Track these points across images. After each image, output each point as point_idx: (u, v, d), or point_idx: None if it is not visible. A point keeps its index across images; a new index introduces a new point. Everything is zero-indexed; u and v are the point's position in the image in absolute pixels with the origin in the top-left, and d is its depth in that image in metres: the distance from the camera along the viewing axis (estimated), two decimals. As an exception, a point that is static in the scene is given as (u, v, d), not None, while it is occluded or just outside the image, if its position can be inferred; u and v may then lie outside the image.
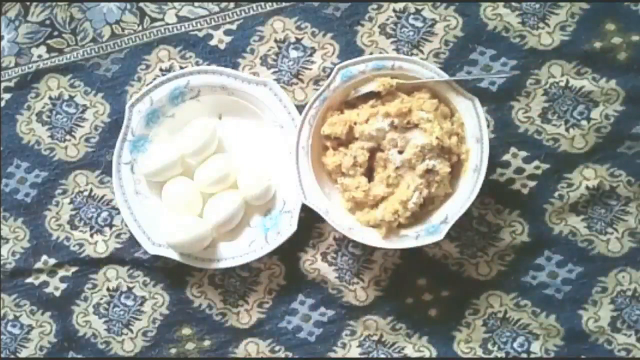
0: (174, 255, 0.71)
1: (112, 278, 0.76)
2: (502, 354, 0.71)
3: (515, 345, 0.71)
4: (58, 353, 0.78)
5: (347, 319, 0.73)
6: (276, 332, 0.74)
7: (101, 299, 0.77)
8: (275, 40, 0.72)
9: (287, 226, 0.70)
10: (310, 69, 0.72)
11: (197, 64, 0.73)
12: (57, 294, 0.77)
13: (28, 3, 0.76)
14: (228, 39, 0.73)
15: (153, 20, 0.74)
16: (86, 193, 0.76)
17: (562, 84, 0.68)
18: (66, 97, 0.76)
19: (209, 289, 0.75)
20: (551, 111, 0.69)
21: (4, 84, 0.77)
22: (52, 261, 0.77)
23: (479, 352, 0.71)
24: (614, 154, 0.68)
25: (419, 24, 0.70)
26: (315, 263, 0.73)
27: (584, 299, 0.70)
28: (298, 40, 0.72)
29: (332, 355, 0.73)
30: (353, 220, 0.67)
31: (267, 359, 0.75)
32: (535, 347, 0.71)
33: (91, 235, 0.76)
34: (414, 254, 0.70)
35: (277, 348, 0.74)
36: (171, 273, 0.75)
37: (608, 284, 0.69)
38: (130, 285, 0.76)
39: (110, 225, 0.76)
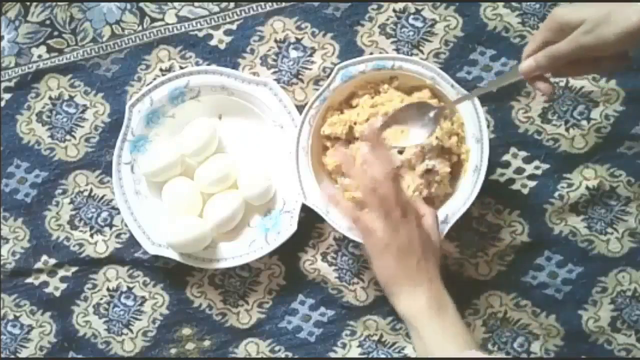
0: (174, 255, 0.71)
1: (112, 278, 0.76)
2: (502, 354, 0.71)
3: (515, 345, 0.71)
4: (58, 353, 0.78)
5: (347, 319, 0.73)
6: (276, 332, 0.74)
7: (101, 299, 0.77)
8: (275, 40, 0.72)
9: (287, 226, 0.70)
10: (310, 69, 0.72)
11: (197, 64, 0.73)
12: (57, 294, 0.77)
13: (28, 3, 0.76)
14: (228, 39, 0.73)
15: (153, 20, 0.74)
16: (86, 193, 0.76)
17: (562, 84, 0.68)
18: (66, 97, 0.76)
19: (209, 289, 0.75)
20: (551, 111, 0.69)
21: (4, 84, 0.77)
22: (52, 261, 0.77)
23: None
24: (614, 154, 0.68)
25: (419, 24, 0.70)
26: (315, 263, 0.73)
27: (584, 299, 0.70)
28: (298, 40, 0.72)
29: (332, 355, 0.73)
30: (353, 220, 0.67)
31: (267, 359, 0.75)
32: (535, 347, 0.71)
33: (91, 235, 0.76)
34: (414, 254, 0.70)
35: (277, 348, 0.74)
36: (171, 273, 0.75)
37: (608, 284, 0.69)
38: (130, 285, 0.76)
39: (110, 225, 0.76)
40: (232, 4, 0.73)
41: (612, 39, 0.45)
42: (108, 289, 0.77)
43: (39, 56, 0.76)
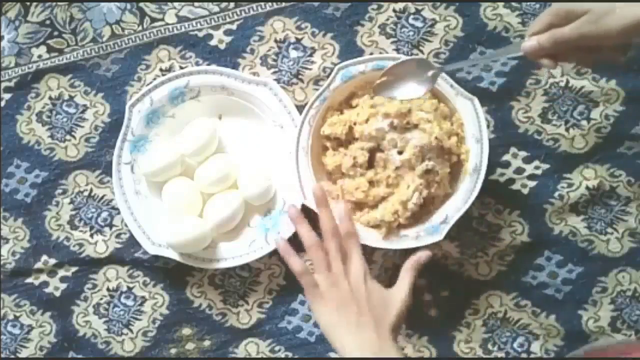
0: (174, 255, 0.71)
1: (112, 278, 0.76)
2: (502, 354, 0.71)
3: (515, 345, 0.71)
4: (58, 353, 0.78)
5: (347, 319, 0.73)
6: (276, 332, 0.74)
7: (101, 299, 0.77)
8: (275, 40, 0.72)
9: (287, 226, 0.70)
10: (310, 69, 0.72)
11: (197, 64, 0.73)
12: (57, 294, 0.77)
13: (28, 3, 0.76)
14: (228, 39, 0.73)
15: (153, 20, 0.74)
16: (86, 193, 0.76)
17: (562, 84, 0.68)
18: (66, 97, 0.76)
19: (209, 289, 0.75)
20: (551, 111, 0.69)
21: (4, 84, 0.77)
22: (52, 261, 0.77)
23: (479, 352, 0.71)
24: (614, 154, 0.68)
25: (419, 24, 0.70)
26: (315, 263, 0.72)
27: (584, 299, 0.70)
28: (298, 40, 0.72)
29: (332, 355, 0.73)
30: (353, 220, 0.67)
31: (267, 359, 0.75)
32: (535, 347, 0.71)
33: (91, 235, 0.76)
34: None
35: (277, 348, 0.74)
36: (171, 273, 0.75)
37: (608, 284, 0.69)
38: (130, 285, 0.76)
39: (110, 225, 0.76)
40: (232, 4, 0.73)
41: (616, 30, 0.47)
42: (108, 289, 0.77)
43: (39, 56, 0.76)
